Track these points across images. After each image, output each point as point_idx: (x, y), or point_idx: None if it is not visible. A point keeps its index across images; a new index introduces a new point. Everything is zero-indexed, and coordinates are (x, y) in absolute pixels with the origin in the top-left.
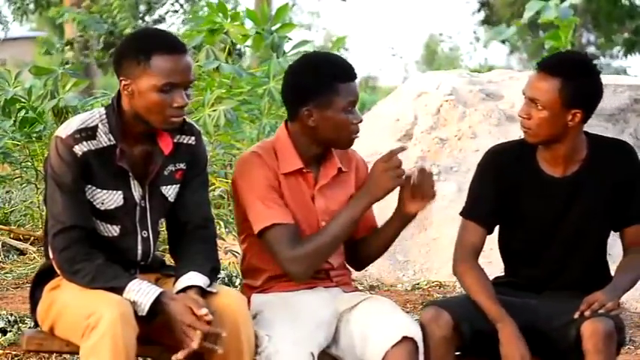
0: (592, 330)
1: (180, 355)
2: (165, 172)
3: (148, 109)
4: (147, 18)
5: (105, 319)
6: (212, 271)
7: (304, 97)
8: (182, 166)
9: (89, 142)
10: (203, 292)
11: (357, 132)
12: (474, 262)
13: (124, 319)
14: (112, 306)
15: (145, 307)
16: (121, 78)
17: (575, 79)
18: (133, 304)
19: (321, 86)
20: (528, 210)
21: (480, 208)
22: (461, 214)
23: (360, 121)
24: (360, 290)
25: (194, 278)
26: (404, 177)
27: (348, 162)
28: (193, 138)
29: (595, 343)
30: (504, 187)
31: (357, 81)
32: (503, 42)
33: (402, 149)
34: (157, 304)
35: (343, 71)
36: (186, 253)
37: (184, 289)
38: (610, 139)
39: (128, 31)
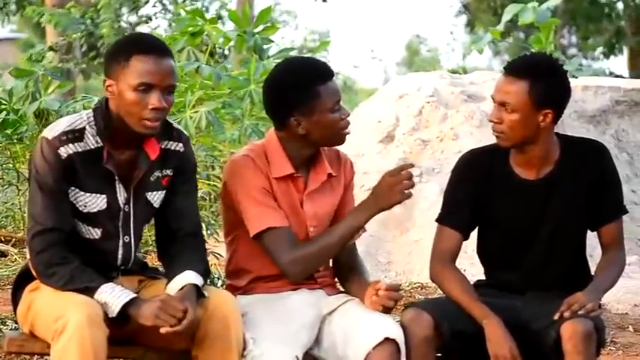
0: (571, 331)
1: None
2: (152, 178)
3: (125, 110)
4: (130, 19)
5: (72, 322)
6: (205, 272)
7: (289, 108)
8: (169, 172)
9: (76, 144)
10: (198, 292)
11: (347, 126)
12: (452, 266)
13: (91, 321)
14: (79, 308)
15: (115, 308)
16: (105, 79)
17: (543, 79)
18: (104, 305)
19: (302, 94)
20: (504, 215)
21: (456, 214)
22: (436, 220)
23: (348, 115)
24: (343, 292)
25: (190, 277)
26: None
27: (337, 164)
28: (181, 144)
29: (575, 344)
30: (479, 192)
31: (334, 78)
32: (480, 51)
33: (411, 166)
34: (129, 308)
35: (320, 73)
36: (179, 256)
37: (181, 289)
38: (581, 139)
39: (106, 31)
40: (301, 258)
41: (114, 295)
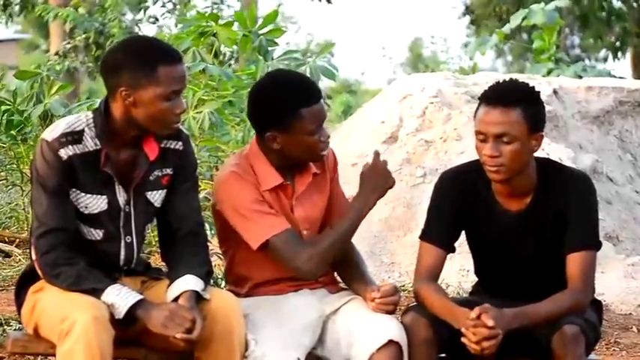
0: (559, 334)
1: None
2: (151, 178)
3: (151, 118)
4: (137, 17)
5: (78, 323)
6: (207, 274)
7: (267, 123)
8: (169, 171)
9: (75, 145)
10: (198, 297)
11: (326, 148)
12: (432, 283)
13: (98, 323)
14: (86, 310)
15: (122, 309)
16: (122, 88)
17: (533, 104)
18: (111, 306)
19: (283, 113)
20: (483, 240)
21: (437, 231)
22: (420, 237)
23: (328, 137)
24: (346, 290)
25: (191, 282)
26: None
27: (321, 161)
28: (181, 143)
29: (562, 347)
30: (460, 212)
31: (322, 101)
32: (483, 53)
33: (377, 154)
34: (136, 310)
35: (305, 96)
36: (180, 257)
37: (180, 295)
38: (562, 168)
39: (116, 30)
40: (314, 255)
41: (121, 297)
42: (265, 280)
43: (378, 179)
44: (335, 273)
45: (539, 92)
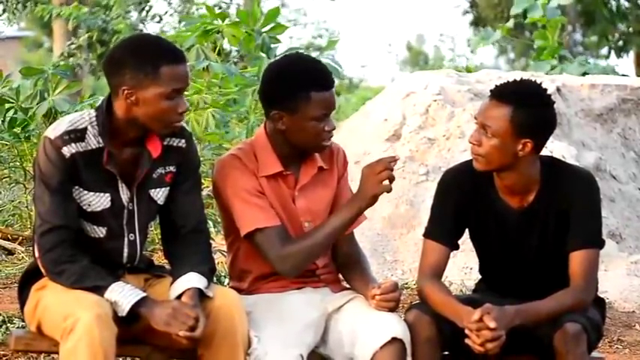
0: (561, 332)
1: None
2: (155, 175)
3: (153, 117)
4: (141, 15)
5: (81, 322)
6: (210, 272)
7: (275, 100)
8: (172, 168)
9: (78, 143)
10: (201, 295)
11: (329, 139)
12: (436, 281)
13: (101, 321)
14: (89, 308)
15: (125, 307)
16: (124, 87)
17: (526, 108)
18: (114, 303)
19: (290, 93)
20: (486, 237)
21: (441, 229)
22: (423, 234)
23: (333, 128)
24: (348, 288)
25: (193, 280)
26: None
27: (330, 157)
28: (184, 140)
29: (564, 345)
30: (463, 210)
31: (333, 90)
32: (493, 44)
33: (394, 159)
34: (139, 307)
35: (318, 80)
36: (182, 255)
37: (183, 293)
38: (567, 166)
39: (122, 27)
40: (290, 255)
41: (124, 294)
42: (265, 273)
43: (365, 185)
44: (338, 272)
45: (541, 100)
